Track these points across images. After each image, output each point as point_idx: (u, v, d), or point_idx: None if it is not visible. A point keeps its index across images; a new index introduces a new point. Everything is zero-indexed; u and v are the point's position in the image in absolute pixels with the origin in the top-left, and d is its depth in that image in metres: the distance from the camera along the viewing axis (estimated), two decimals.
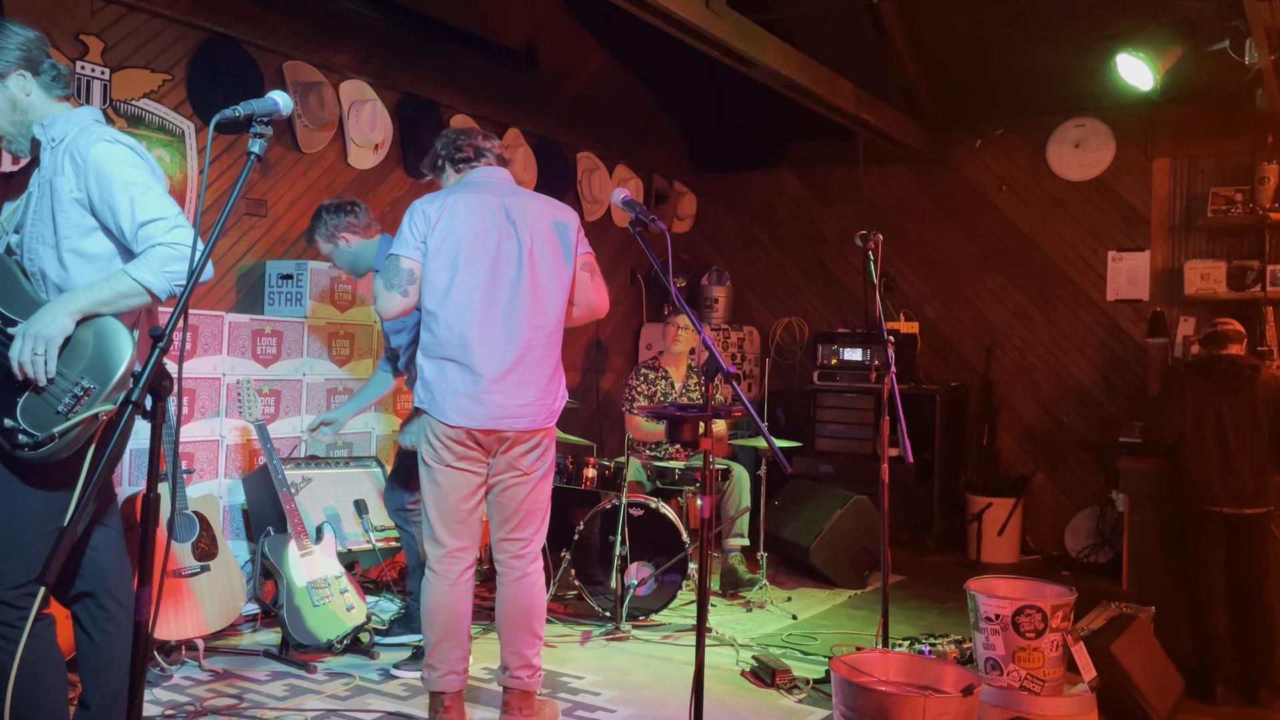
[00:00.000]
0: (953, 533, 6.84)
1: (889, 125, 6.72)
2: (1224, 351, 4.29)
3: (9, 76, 2.47)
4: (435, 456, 3.24)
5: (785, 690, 3.94)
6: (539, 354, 3.26)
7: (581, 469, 5.27)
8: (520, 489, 3.33)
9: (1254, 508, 4.12)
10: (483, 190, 3.30)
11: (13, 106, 2.49)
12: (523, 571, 3.36)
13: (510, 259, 3.23)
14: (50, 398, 2.32)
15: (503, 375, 3.19)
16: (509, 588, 3.36)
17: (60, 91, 2.55)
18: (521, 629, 3.35)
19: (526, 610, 3.35)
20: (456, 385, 3.18)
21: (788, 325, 7.98)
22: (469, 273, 3.19)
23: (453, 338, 3.18)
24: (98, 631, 2.55)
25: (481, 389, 3.18)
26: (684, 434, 5.45)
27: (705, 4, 4.83)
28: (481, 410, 3.18)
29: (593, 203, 7.17)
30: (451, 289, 3.18)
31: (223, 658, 4.06)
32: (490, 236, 3.22)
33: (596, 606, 4.80)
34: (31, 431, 2.30)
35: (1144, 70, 5.53)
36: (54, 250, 2.44)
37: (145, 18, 4.53)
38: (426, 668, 3.32)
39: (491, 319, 3.20)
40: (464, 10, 5.92)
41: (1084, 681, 3.38)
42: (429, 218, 3.20)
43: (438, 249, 3.18)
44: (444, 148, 3.45)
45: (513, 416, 3.22)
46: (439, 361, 3.21)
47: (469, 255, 3.19)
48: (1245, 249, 6.29)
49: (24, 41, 2.49)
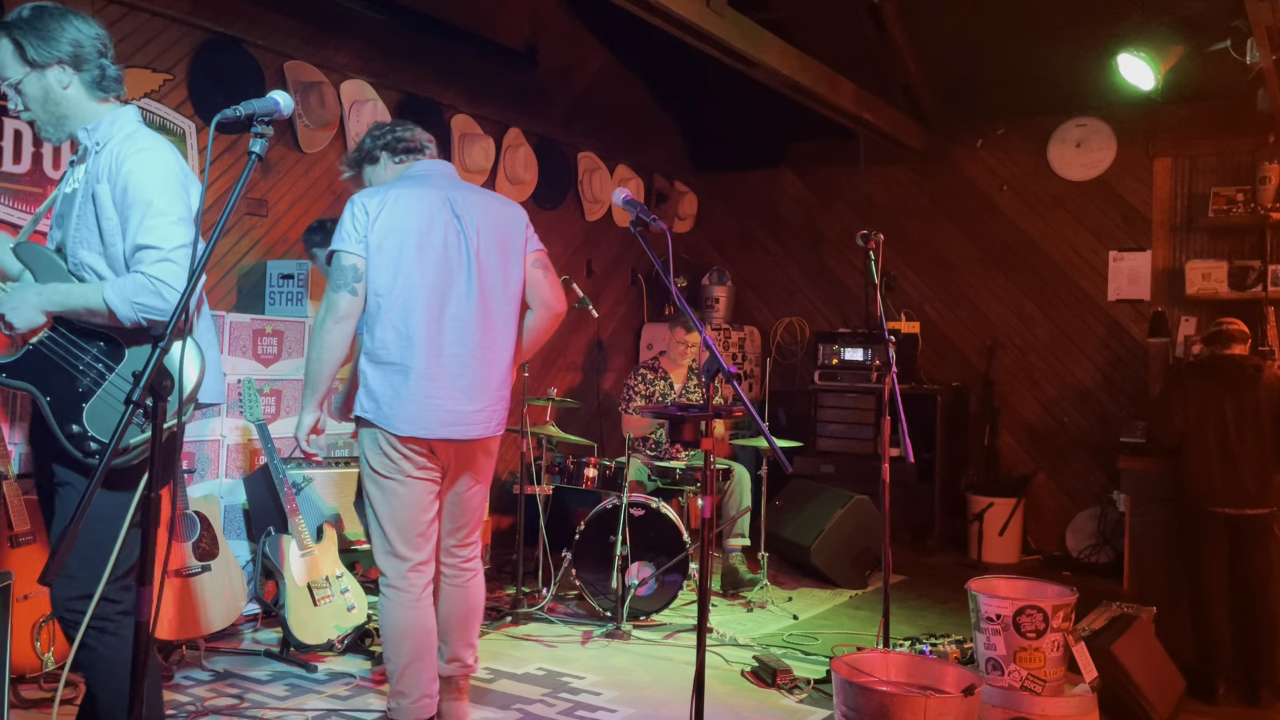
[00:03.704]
0: (954, 533, 6.84)
1: (890, 125, 6.71)
2: (1227, 351, 4.28)
3: (49, 68, 2.42)
4: (393, 468, 3.05)
5: (786, 690, 3.94)
6: (490, 357, 3.12)
7: (582, 469, 5.27)
8: (474, 496, 3.26)
9: (1256, 508, 4.11)
10: (426, 184, 3.11)
11: (46, 96, 2.44)
12: (475, 571, 3.34)
13: (457, 256, 3.06)
14: (118, 406, 2.32)
15: (452, 380, 3.04)
16: (462, 589, 3.31)
17: (103, 94, 2.48)
18: (474, 622, 3.34)
19: (476, 606, 3.35)
20: (404, 393, 2.99)
21: (789, 325, 7.98)
22: (414, 271, 2.99)
23: (398, 341, 3.00)
24: None
25: (431, 395, 3.01)
26: (684, 434, 5.44)
27: (706, 3, 4.82)
28: (433, 418, 3.02)
29: (594, 202, 7.16)
30: (394, 288, 2.99)
31: (224, 657, 4.06)
32: (435, 232, 3.04)
33: (597, 606, 4.80)
34: (101, 439, 2.33)
35: (1145, 70, 5.53)
36: (101, 256, 2.43)
37: (146, 17, 4.53)
38: (396, 695, 3.11)
39: (439, 320, 3.03)
40: (465, 10, 5.92)
41: (1085, 682, 3.37)
42: (369, 212, 2.98)
43: (379, 245, 2.97)
44: (381, 137, 3.23)
45: (465, 424, 3.07)
46: (384, 367, 3.01)
47: (414, 252, 3.00)
48: (1246, 249, 6.28)
49: (78, 38, 2.43)
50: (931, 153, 7.31)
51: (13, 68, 2.43)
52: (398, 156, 3.22)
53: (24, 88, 2.44)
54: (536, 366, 6.46)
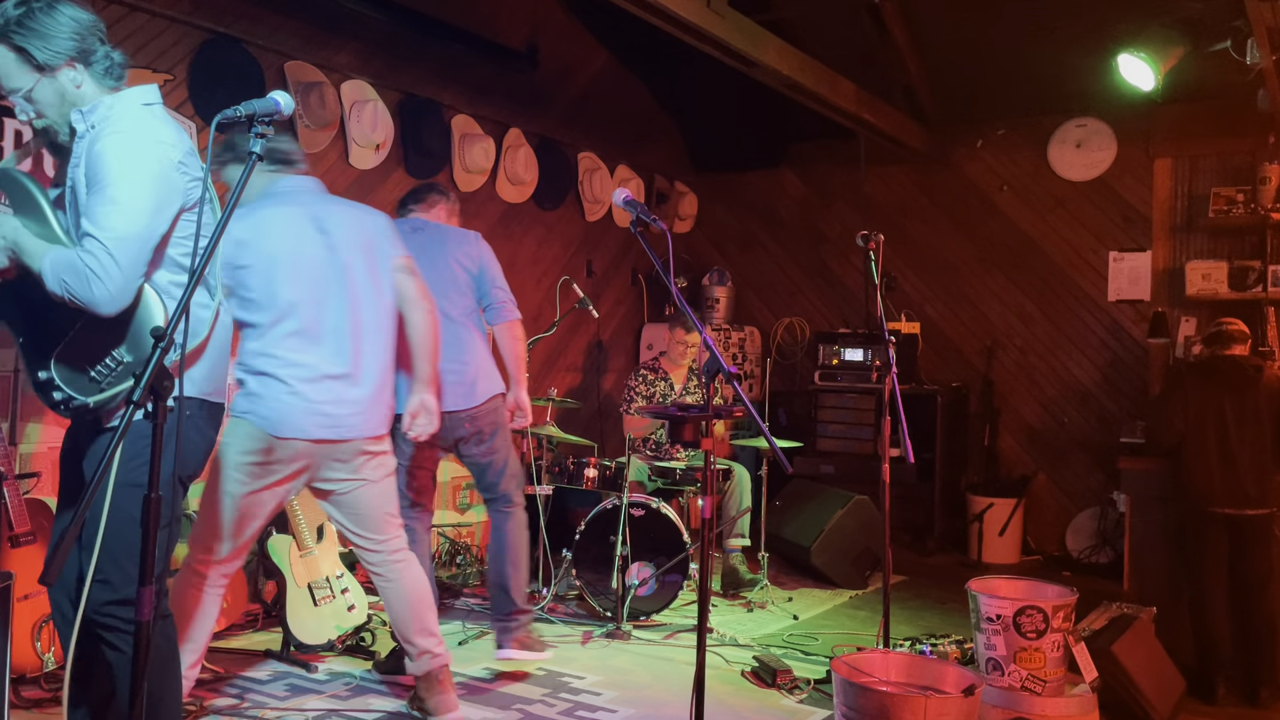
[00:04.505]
0: (954, 533, 6.84)
1: (890, 125, 6.71)
2: (1227, 352, 4.28)
3: (59, 70, 2.31)
4: (249, 468, 3.03)
5: (786, 690, 3.94)
6: (364, 362, 3.16)
7: (582, 469, 5.28)
8: (364, 496, 3.24)
9: (1256, 509, 4.11)
10: (291, 202, 3.19)
11: (62, 100, 2.34)
12: (402, 558, 3.33)
13: (327, 271, 3.13)
14: (88, 359, 2.31)
15: (330, 384, 3.08)
16: (394, 584, 3.31)
17: (114, 82, 2.39)
18: (424, 611, 3.33)
19: (421, 595, 3.33)
20: (283, 397, 3.04)
21: (789, 325, 7.98)
22: (288, 288, 3.06)
23: (278, 351, 3.05)
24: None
25: (310, 399, 3.05)
26: (685, 434, 5.44)
27: (706, 4, 4.82)
28: (309, 421, 3.05)
29: (594, 203, 7.17)
30: (273, 306, 3.05)
31: (224, 657, 4.06)
32: (305, 250, 3.11)
33: (597, 606, 4.80)
34: (67, 390, 2.30)
35: (1145, 70, 5.52)
36: None
37: (147, 18, 4.53)
38: None
39: (315, 333, 3.08)
40: (465, 10, 5.92)
41: (1085, 682, 3.37)
42: (240, 241, 3.04)
43: (252, 266, 3.04)
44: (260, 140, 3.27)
45: (339, 426, 3.10)
46: (261, 376, 3.06)
47: (286, 271, 3.07)
48: (1247, 249, 6.28)
49: (78, 28, 2.32)
50: (932, 153, 7.31)
51: (20, 77, 2.31)
52: (272, 165, 3.23)
53: (36, 95, 2.33)
54: (536, 367, 6.46)
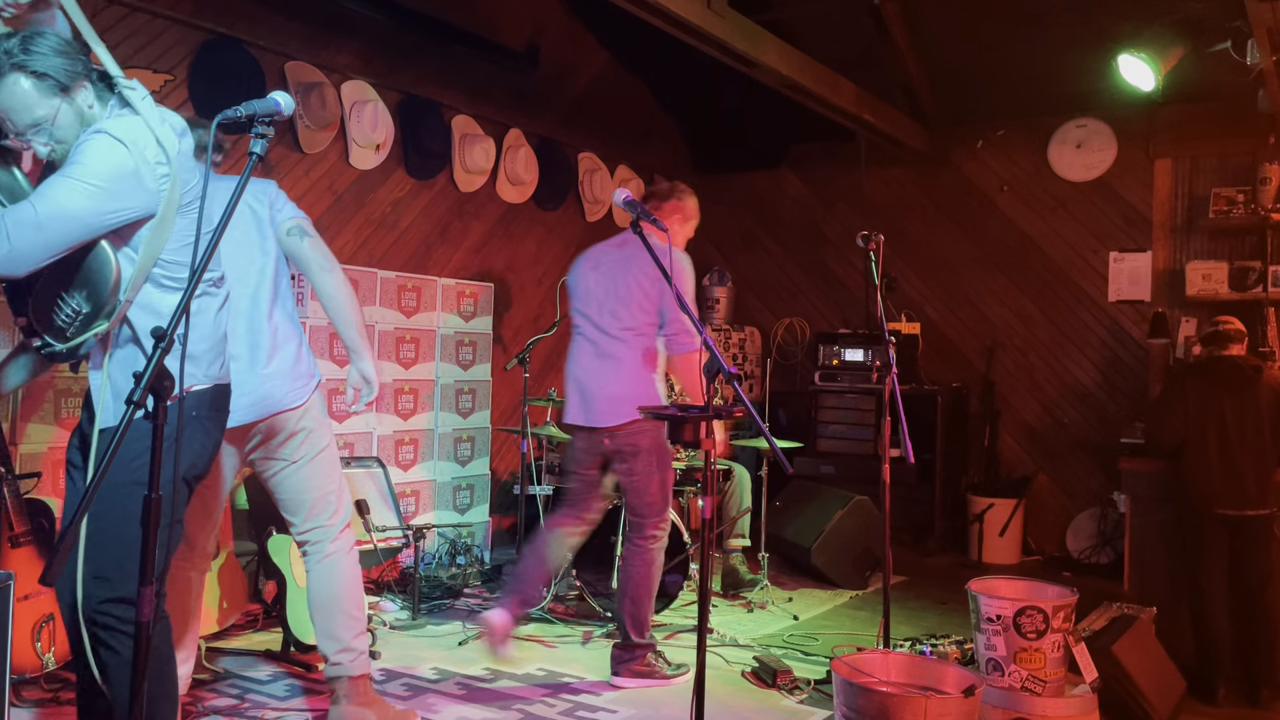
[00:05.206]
0: (954, 533, 6.84)
1: (890, 126, 6.72)
2: (1225, 352, 4.28)
3: (74, 91, 2.32)
4: None
5: (786, 691, 3.94)
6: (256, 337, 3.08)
7: None
8: (294, 477, 3.21)
9: (1256, 509, 4.11)
10: None
11: (80, 118, 2.34)
12: (324, 553, 3.26)
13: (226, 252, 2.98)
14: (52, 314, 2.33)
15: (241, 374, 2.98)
16: (312, 572, 3.26)
17: (108, 93, 2.39)
18: (335, 611, 3.25)
19: (337, 593, 3.26)
20: None
21: (789, 326, 7.98)
22: None
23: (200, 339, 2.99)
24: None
25: None
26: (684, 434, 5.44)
27: (706, 4, 4.83)
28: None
29: (594, 203, 7.17)
30: None
31: (224, 657, 4.06)
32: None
33: (597, 607, 4.80)
34: (45, 338, 2.33)
35: (1146, 71, 5.53)
36: None
37: (147, 18, 4.53)
38: None
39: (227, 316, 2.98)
40: (465, 11, 5.92)
41: (1085, 682, 3.37)
42: None
43: None
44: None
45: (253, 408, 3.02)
46: None
47: None
48: (1247, 250, 6.28)
49: (68, 46, 2.32)
50: (932, 153, 7.31)
51: (44, 105, 2.30)
52: None
53: (60, 120, 2.32)
54: (536, 366, 6.45)
